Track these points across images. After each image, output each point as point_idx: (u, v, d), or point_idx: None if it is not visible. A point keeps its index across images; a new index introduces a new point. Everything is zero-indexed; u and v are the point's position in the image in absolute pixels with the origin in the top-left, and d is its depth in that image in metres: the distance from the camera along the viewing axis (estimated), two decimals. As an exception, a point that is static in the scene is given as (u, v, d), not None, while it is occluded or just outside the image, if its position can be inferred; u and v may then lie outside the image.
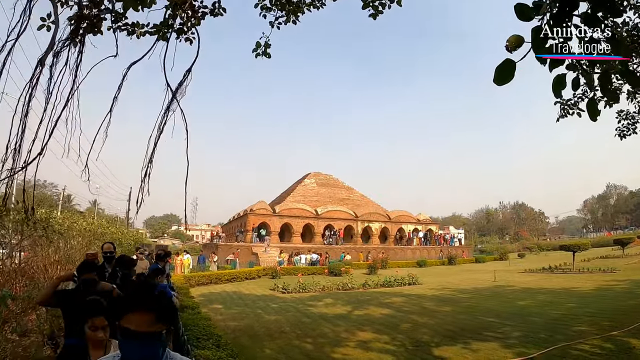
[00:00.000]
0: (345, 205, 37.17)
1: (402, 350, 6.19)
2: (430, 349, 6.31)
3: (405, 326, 7.99)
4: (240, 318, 8.64)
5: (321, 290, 14.43)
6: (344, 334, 7.23)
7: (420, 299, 12.05)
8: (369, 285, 15.52)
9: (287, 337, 6.93)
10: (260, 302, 11.37)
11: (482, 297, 12.03)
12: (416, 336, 7.11)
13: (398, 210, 39.33)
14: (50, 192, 53.46)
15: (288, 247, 28.57)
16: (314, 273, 20.92)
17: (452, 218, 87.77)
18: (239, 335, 6.93)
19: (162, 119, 3.37)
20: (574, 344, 6.29)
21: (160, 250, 6.04)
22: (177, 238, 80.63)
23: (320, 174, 42.14)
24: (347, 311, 9.85)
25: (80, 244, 7.58)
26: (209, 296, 12.35)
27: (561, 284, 14.32)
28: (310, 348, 6.23)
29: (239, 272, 18.31)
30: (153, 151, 3.26)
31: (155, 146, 3.28)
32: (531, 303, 10.55)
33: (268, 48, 4.96)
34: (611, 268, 17.85)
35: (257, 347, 6.20)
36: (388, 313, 9.54)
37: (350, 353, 5.99)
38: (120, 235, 12.96)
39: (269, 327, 7.75)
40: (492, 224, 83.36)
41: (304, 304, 10.99)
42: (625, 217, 77.38)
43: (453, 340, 6.85)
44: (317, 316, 9.07)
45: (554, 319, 8.26)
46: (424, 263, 28.92)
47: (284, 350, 6.09)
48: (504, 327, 7.76)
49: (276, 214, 31.17)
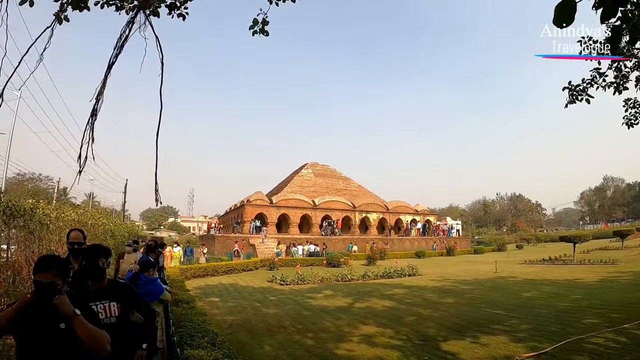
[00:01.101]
0: (342, 195, 36.88)
1: (409, 346, 5.89)
2: (438, 343, 6.03)
3: (409, 319, 7.71)
4: (237, 312, 8.31)
5: (320, 282, 14.16)
6: (347, 328, 6.94)
7: (421, 290, 11.80)
8: (369, 277, 15.28)
9: (287, 332, 6.61)
10: (258, 294, 11.06)
11: (485, 289, 11.81)
12: (421, 330, 6.84)
13: (396, 201, 39.12)
14: (45, 185, 52.71)
15: (285, 238, 28.28)
16: (312, 264, 20.67)
17: (448, 209, 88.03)
18: (236, 330, 6.59)
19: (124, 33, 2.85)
20: (587, 338, 6.04)
21: (151, 241, 5.65)
22: (173, 230, 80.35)
23: (318, 165, 41.72)
24: (348, 303, 9.56)
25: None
26: (205, 289, 12.01)
27: (564, 275, 14.15)
28: (311, 344, 5.91)
29: (236, 264, 17.99)
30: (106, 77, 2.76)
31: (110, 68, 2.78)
32: (536, 294, 10.32)
33: (266, 25, 4.50)
34: (613, 260, 17.71)
35: (255, 344, 5.86)
36: (390, 305, 9.26)
37: (354, 349, 5.68)
38: (114, 227, 12.49)
39: (267, 321, 7.42)
40: (489, 216, 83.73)
41: (303, 296, 10.70)
42: (622, 210, 77.96)
43: (460, 334, 6.58)
44: (318, 309, 8.77)
45: (561, 311, 8.03)
46: (422, 254, 28.81)
47: (284, 346, 5.77)
48: (511, 320, 7.52)
49: (273, 205, 30.82)
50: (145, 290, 4.09)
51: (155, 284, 4.23)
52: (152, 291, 4.13)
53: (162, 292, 4.23)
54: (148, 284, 4.14)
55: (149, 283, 4.16)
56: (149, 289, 4.11)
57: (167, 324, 5.15)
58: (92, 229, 8.85)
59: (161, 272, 8.33)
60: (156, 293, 4.17)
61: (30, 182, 51.46)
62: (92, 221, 9.05)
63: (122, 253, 6.77)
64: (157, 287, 4.22)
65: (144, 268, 4.27)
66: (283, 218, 31.87)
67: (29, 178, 51.91)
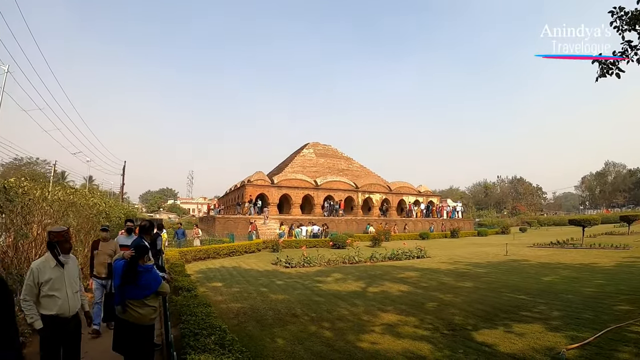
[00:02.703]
0: (345, 176, 36.11)
1: (438, 336, 5.27)
2: (469, 333, 5.42)
3: (430, 305, 7.10)
4: (243, 298, 7.66)
5: (327, 264, 13.59)
6: (365, 316, 6.30)
7: (435, 273, 11.22)
8: (377, 258, 14.72)
9: (301, 321, 5.96)
10: (263, 278, 10.43)
11: (501, 272, 11.25)
12: (447, 317, 6.24)
13: (399, 182, 38.43)
14: (43, 169, 51.68)
15: (287, 219, 27.68)
16: (315, 246, 20.14)
17: (449, 191, 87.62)
18: (243, 320, 5.92)
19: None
20: (626, 326, 5.54)
21: (145, 221, 4.82)
22: (173, 212, 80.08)
23: (319, 144, 40.75)
24: (360, 288, 8.94)
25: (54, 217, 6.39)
26: (207, 272, 11.37)
27: (578, 259, 13.67)
28: (330, 336, 5.25)
29: (237, 246, 17.37)
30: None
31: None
32: (556, 279, 9.79)
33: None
34: (624, 244, 17.27)
35: (266, 336, 5.20)
36: (406, 290, 8.65)
37: (378, 341, 5.04)
38: (108, 208, 11.68)
39: (277, 308, 6.77)
40: (489, 198, 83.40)
41: (311, 280, 10.08)
42: (623, 195, 77.75)
43: (490, 322, 5.99)
44: (329, 294, 8.14)
45: (589, 297, 7.50)
46: (426, 235, 28.36)
47: (300, 338, 5.11)
48: (539, 306, 6.98)
49: (274, 185, 30.07)
50: (140, 283, 3.35)
51: (151, 275, 3.47)
52: (146, 284, 3.38)
53: (160, 284, 3.47)
54: (142, 275, 3.39)
55: (143, 274, 3.40)
56: (143, 281, 3.36)
57: (166, 315, 4.46)
58: (82, 209, 8.06)
59: (159, 257, 7.62)
60: (152, 286, 3.41)
61: (28, 166, 50.54)
62: (82, 201, 8.24)
63: (96, 241, 5.72)
64: (153, 278, 3.46)
65: (138, 254, 3.50)
66: (284, 198, 31.20)
67: (27, 163, 50.99)
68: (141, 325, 3.34)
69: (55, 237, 3.21)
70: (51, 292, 3.09)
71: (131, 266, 3.40)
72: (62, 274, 3.19)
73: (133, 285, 3.33)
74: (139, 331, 3.32)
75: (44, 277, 3.07)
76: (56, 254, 3.18)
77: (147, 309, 3.36)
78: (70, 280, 3.25)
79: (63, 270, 3.21)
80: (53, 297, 3.09)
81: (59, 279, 3.15)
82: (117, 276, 3.47)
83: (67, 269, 3.25)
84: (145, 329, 3.38)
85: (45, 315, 3.06)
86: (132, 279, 3.33)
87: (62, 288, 3.15)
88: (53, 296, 3.09)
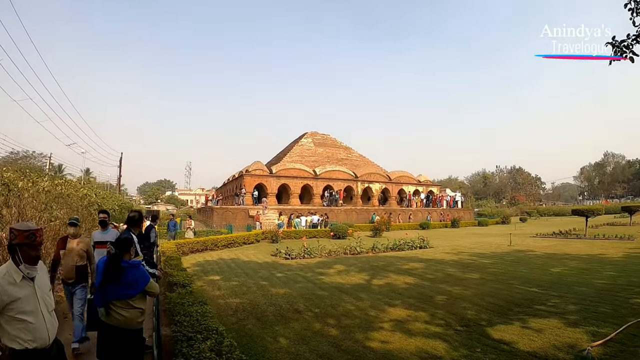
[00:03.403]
0: (344, 165, 35.66)
1: (452, 333, 4.92)
2: (484, 329, 5.08)
3: (440, 299, 6.76)
4: (242, 292, 7.28)
5: (328, 255, 13.25)
6: (372, 312, 5.94)
7: (440, 264, 10.90)
8: (379, 249, 14.40)
9: (304, 318, 5.58)
10: (263, 271, 10.06)
11: (507, 263, 10.95)
12: (458, 312, 5.89)
13: (399, 171, 38.04)
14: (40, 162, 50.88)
15: (286, 209, 27.31)
16: (315, 236, 19.81)
17: (448, 181, 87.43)
18: (243, 318, 5.53)
19: None
20: None
21: (134, 212, 4.27)
22: (170, 203, 79.69)
23: (317, 134, 40.16)
24: (365, 280, 8.59)
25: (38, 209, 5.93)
26: (204, 265, 10.98)
27: (583, 250, 13.43)
28: (336, 334, 4.88)
29: (236, 237, 16.99)
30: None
31: None
32: (565, 270, 9.51)
33: None
34: (628, 235, 17.05)
35: (268, 335, 4.82)
36: (412, 282, 8.31)
37: (389, 339, 4.68)
38: (100, 199, 11.19)
39: (278, 303, 6.40)
40: (488, 188, 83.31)
41: (313, 272, 9.72)
42: (622, 186, 77.82)
43: (504, 316, 5.67)
44: (333, 287, 7.78)
45: (603, 290, 7.21)
46: (427, 225, 28.11)
47: (304, 337, 4.73)
48: (552, 299, 6.67)
49: (273, 175, 29.60)
50: (124, 281, 2.92)
51: (138, 271, 3.03)
52: (132, 282, 2.94)
53: (148, 282, 3.03)
54: (127, 272, 2.96)
55: (128, 270, 2.97)
56: (128, 279, 2.93)
57: (157, 315, 4.05)
58: (70, 200, 7.59)
59: (153, 249, 7.20)
60: (139, 284, 2.98)
61: (24, 160, 49.85)
62: (69, 191, 7.76)
63: (63, 238, 4.66)
64: (140, 275, 3.02)
65: (122, 248, 3.07)
66: (283, 188, 30.77)
67: (23, 156, 50.34)
68: (127, 329, 2.93)
69: (16, 238, 2.28)
70: (20, 315, 2.19)
71: (113, 262, 2.97)
72: (33, 290, 2.29)
73: (116, 283, 2.90)
74: (125, 336, 2.91)
75: (8, 297, 2.16)
76: (17, 261, 2.26)
77: (133, 312, 2.94)
78: (43, 295, 2.37)
79: (33, 284, 2.30)
80: (24, 322, 2.20)
81: (28, 297, 2.24)
82: (99, 273, 3.03)
83: (38, 282, 2.35)
84: (131, 333, 2.97)
85: (17, 350, 2.18)
86: (114, 277, 2.91)
87: (35, 310, 2.25)
88: (24, 321, 2.20)
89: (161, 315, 4.71)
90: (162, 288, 6.15)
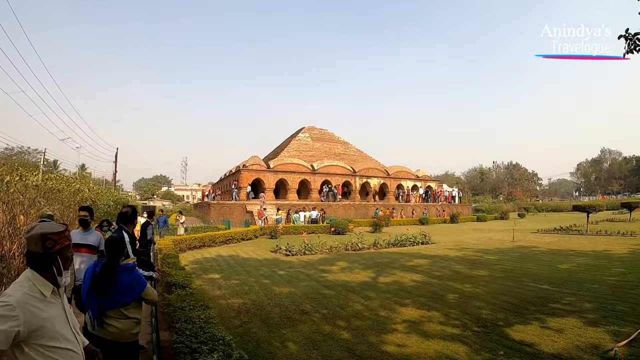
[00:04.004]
0: (342, 160, 35.30)
1: (470, 335, 4.64)
2: (502, 330, 4.82)
3: (451, 297, 6.48)
4: (244, 292, 6.94)
5: (329, 252, 12.94)
6: (383, 312, 5.64)
7: (445, 261, 10.64)
8: (380, 245, 14.13)
9: (312, 319, 5.26)
10: (264, 268, 9.73)
11: (514, 259, 10.73)
12: (473, 311, 5.63)
13: (397, 166, 37.78)
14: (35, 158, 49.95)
15: (284, 204, 26.97)
16: (315, 232, 19.51)
17: (444, 176, 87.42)
18: (247, 320, 5.19)
19: None
20: None
21: (127, 208, 3.82)
22: (167, 199, 78.99)
23: (315, 128, 39.73)
24: (370, 278, 8.29)
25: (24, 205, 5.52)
26: (203, 263, 10.61)
27: (587, 246, 13.31)
28: (348, 337, 4.57)
29: (234, 233, 16.61)
30: None
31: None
32: (573, 267, 9.33)
33: None
34: (630, 231, 16.97)
35: (275, 340, 4.48)
36: (420, 280, 8.03)
37: (405, 343, 4.38)
38: (94, 195, 10.75)
39: (283, 304, 6.07)
40: (485, 183, 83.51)
41: (316, 270, 9.41)
42: (619, 183, 78.29)
43: (521, 316, 5.43)
44: (338, 286, 7.47)
45: (616, 287, 7.03)
46: (426, 221, 27.91)
47: (314, 342, 4.41)
48: (567, 297, 6.47)
49: (270, 170, 29.18)
50: (117, 287, 2.54)
51: (133, 275, 2.65)
52: (126, 288, 2.57)
53: (144, 288, 2.66)
54: (120, 277, 2.58)
55: (121, 275, 2.59)
56: (121, 285, 2.55)
57: (155, 321, 3.70)
58: (61, 195, 7.16)
59: (150, 247, 6.82)
60: (134, 290, 2.61)
61: (19, 156, 48.96)
62: (61, 186, 7.33)
63: None
64: (135, 279, 2.64)
65: (116, 251, 2.69)
66: (281, 184, 30.38)
67: (18, 152, 49.47)
68: (120, 342, 2.56)
69: (57, 244, 1.68)
70: (52, 342, 1.56)
71: (110, 267, 2.60)
72: (62, 306, 1.70)
73: (109, 291, 2.53)
74: (117, 351, 2.54)
75: (36, 321, 1.52)
76: (55, 272, 1.68)
77: (127, 322, 2.57)
78: (70, 311, 1.78)
79: (61, 300, 1.72)
80: (56, 350, 1.57)
81: (58, 317, 1.64)
82: (87, 279, 2.65)
83: (63, 296, 1.77)
84: (125, 347, 2.60)
85: None
86: (109, 284, 2.54)
87: (68, 332, 1.66)
88: (56, 349, 1.57)
89: (159, 318, 4.36)
90: (159, 289, 5.79)
